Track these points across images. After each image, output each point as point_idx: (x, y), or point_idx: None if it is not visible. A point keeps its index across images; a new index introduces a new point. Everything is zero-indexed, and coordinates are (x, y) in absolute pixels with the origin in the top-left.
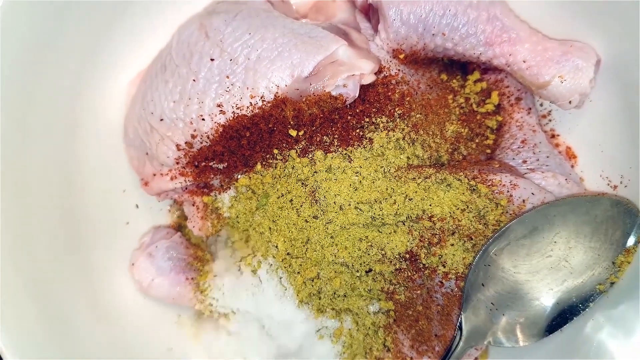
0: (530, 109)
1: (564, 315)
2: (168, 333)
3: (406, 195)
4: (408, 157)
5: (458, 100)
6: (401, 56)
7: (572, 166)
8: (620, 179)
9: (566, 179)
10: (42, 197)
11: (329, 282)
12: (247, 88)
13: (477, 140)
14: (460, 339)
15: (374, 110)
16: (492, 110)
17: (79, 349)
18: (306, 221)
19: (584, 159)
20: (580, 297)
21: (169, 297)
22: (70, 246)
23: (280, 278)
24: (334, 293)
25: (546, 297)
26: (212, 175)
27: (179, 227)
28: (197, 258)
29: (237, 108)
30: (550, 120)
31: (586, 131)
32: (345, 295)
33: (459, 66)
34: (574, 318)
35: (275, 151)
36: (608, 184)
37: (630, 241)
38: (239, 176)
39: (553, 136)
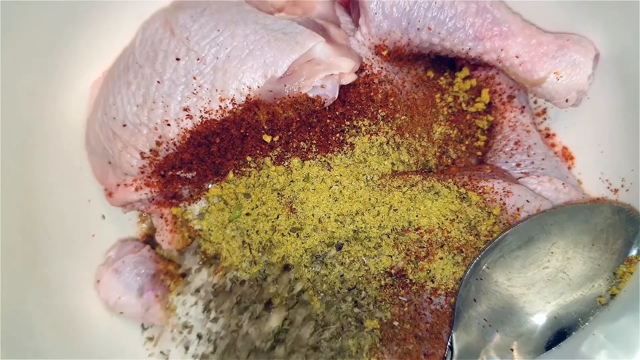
0: (523, 107)
1: (562, 330)
2: (138, 352)
3: (391, 206)
4: (392, 163)
5: (446, 99)
6: (384, 53)
7: (569, 168)
8: (622, 182)
9: (563, 184)
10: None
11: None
12: (216, 90)
13: (466, 142)
14: (451, 358)
15: (355, 112)
16: (482, 109)
17: None
18: (283, 235)
19: (582, 160)
20: (579, 310)
21: (138, 316)
22: (31, 261)
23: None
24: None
25: (543, 311)
26: (180, 185)
27: (149, 238)
28: (167, 273)
29: (206, 112)
30: (545, 119)
31: (584, 130)
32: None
33: (446, 62)
34: (573, 333)
35: (249, 158)
36: (608, 187)
37: (633, 250)
38: (210, 186)
39: (548, 136)
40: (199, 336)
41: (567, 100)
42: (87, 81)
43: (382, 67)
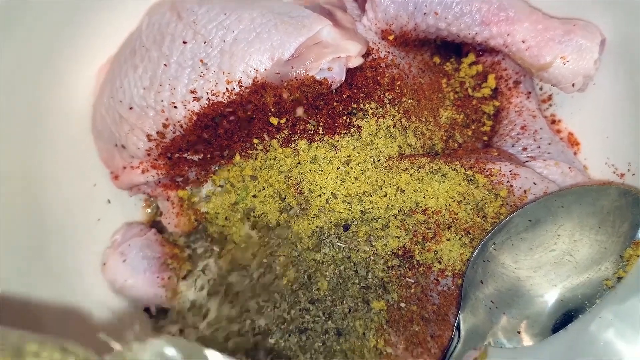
0: (529, 93)
1: (569, 313)
2: (143, 335)
3: (398, 187)
4: (399, 146)
5: (452, 85)
6: (390, 37)
7: (575, 154)
8: (628, 167)
9: (570, 167)
10: (3, 195)
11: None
12: (223, 73)
13: (473, 127)
14: (458, 340)
15: (362, 95)
16: (488, 94)
17: None
18: (290, 217)
19: (588, 145)
20: (585, 293)
21: (144, 299)
22: (35, 246)
23: None
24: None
25: (549, 294)
26: (187, 168)
27: (154, 223)
28: (173, 256)
29: (213, 94)
30: (550, 105)
31: (590, 116)
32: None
33: (452, 48)
34: (580, 316)
35: (255, 141)
36: (614, 172)
37: None
38: (217, 168)
39: (554, 122)
40: (205, 317)
41: (573, 85)
42: (93, 66)
43: (388, 52)
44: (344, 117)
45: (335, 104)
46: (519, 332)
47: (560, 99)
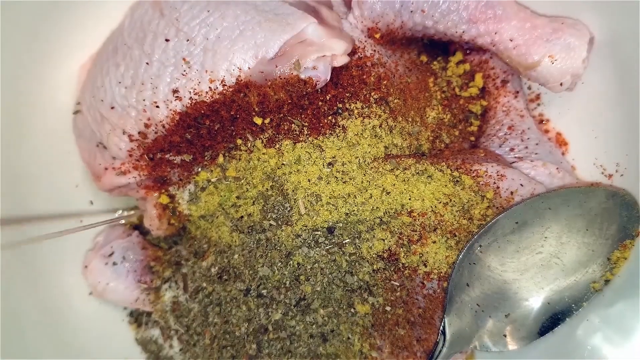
0: (517, 92)
1: (556, 316)
2: (124, 338)
3: (383, 189)
4: (386, 147)
5: (439, 84)
6: (377, 36)
7: (563, 154)
8: (616, 168)
9: (557, 168)
10: None
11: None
12: (206, 71)
13: (460, 127)
14: (443, 344)
15: (347, 95)
16: (476, 94)
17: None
18: (274, 219)
19: (576, 146)
20: (573, 296)
21: (126, 302)
22: (17, 246)
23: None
24: None
25: (536, 297)
26: (169, 169)
27: (136, 225)
28: (155, 259)
29: (195, 94)
30: (538, 105)
31: (578, 116)
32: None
33: (439, 47)
34: (567, 319)
35: (239, 141)
36: (602, 173)
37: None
38: (199, 170)
39: (542, 122)
40: (186, 327)
41: (561, 84)
42: (75, 64)
43: (374, 50)
44: (329, 117)
45: (320, 103)
46: (505, 336)
47: (549, 99)
